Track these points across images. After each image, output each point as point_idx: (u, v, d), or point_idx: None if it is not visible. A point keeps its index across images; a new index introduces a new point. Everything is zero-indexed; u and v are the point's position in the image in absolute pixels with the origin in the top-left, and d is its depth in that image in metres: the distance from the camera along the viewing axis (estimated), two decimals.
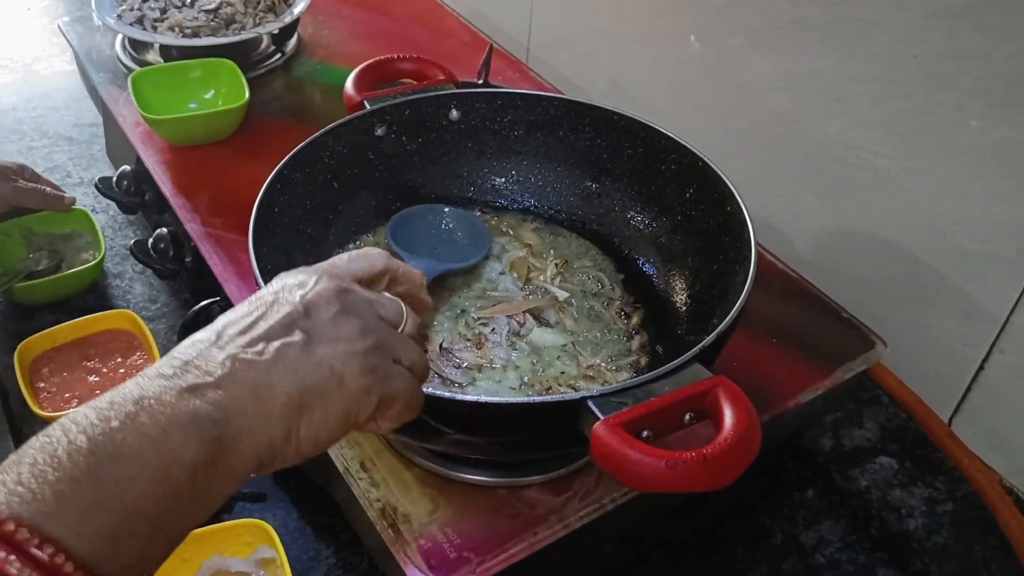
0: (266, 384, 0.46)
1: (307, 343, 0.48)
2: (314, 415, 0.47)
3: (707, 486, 0.50)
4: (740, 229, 0.70)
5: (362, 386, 0.49)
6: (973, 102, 0.77)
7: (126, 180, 1.05)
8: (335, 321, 0.50)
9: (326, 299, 0.51)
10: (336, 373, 0.48)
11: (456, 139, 0.87)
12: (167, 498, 0.41)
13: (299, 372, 0.47)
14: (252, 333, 0.48)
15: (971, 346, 0.84)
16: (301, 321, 0.49)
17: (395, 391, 0.51)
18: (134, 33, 1.12)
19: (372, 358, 0.50)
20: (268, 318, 0.49)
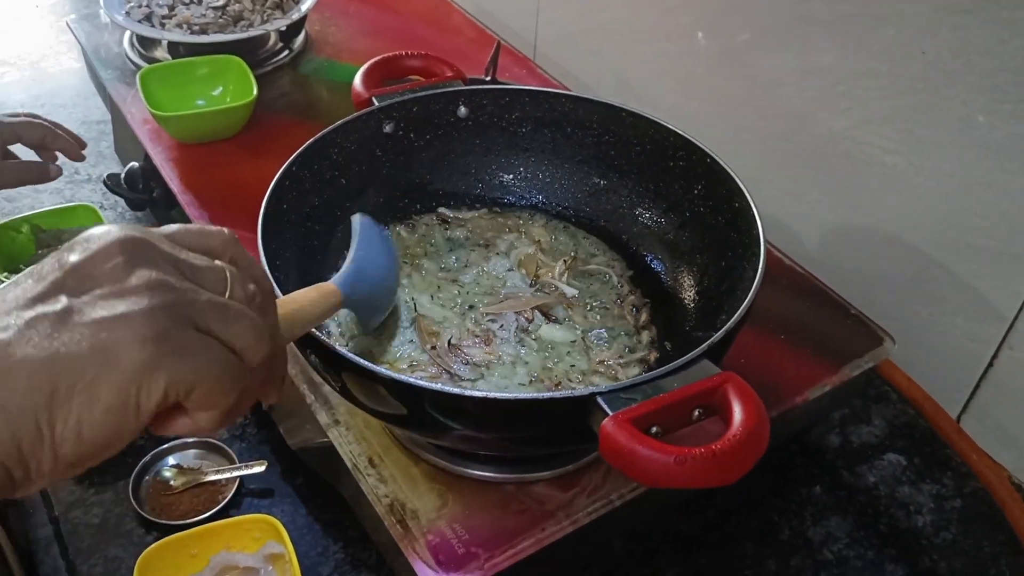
0: (4, 368, 0.35)
1: (68, 309, 0.37)
2: (72, 404, 0.36)
3: (716, 482, 0.50)
4: (749, 226, 0.70)
5: (139, 361, 0.37)
6: (981, 97, 0.76)
7: (134, 177, 1.05)
8: (113, 276, 0.38)
9: (106, 252, 0.39)
10: (101, 343, 0.36)
11: (464, 136, 0.87)
12: None
13: (50, 347, 0.36)
14: (15, 302, 0.37)
15: (980, 343, 0.83)
16: (68, 283, 0.38)
17: (195, 369, 0.38)
18: (142, 30, 1.13)
19: (160, 321, 0.37)
20: (27, 286, 0.38)
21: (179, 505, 0.79)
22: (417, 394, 0.57)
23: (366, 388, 0.60)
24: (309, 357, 0.64)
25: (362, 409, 0.65)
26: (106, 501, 0.79)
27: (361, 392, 0.62)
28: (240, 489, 0.80)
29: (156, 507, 0.78)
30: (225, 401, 0.41)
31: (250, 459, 0.82)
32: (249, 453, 0.84)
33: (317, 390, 0.74)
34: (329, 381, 0.65)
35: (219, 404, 0.40)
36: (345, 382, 0.61)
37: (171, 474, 0.81)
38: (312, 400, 0.74)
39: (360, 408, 0.65)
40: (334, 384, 0.64)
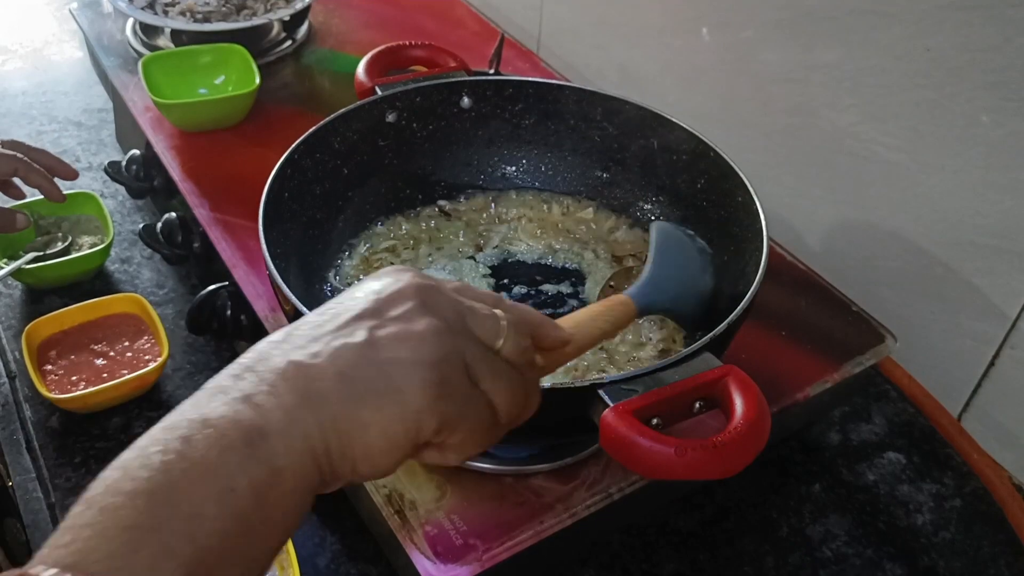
0: (317, 391, 0.41)
1: (368, 344, 0.42)
2: (368, 430, 0.41)
3: (716, 474, 0.49)
4: (752, 220, 0.70)
5: (424, 401, 0.42)
6: (985, 95, 0.76)
7: (135, 165, 1.05)
8: (408, 319, 0.43)
9: (403, 295, 0.44)
10: (395, 382, 0.41)
11: (467, 127, 0.87)
12: (237, 529, 0.37)
13: (353, 379, 0.41)
14: (318, 331, 0.43)
15: (982, 342, 0.83)
16: (368, 319, 0.43)
17: (463, 413, 0.44)
18: (145, 17, 1.12)
19: (443, 370, 0.42)
20: (338, 317, 0.44)
21: None
22: None
23: None
24: None
25: None
26: None
27: None
28: None
29: None
30: (477, 449, 0.46)
31: None
32: None
33: None
34: None
35: (471, 450, 0.46)
36: None
37: None
38: None
39: None
40: None
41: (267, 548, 0.40)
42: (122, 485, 0.36)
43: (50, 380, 0.85)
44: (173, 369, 0.89)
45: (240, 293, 0.81)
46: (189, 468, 0.37)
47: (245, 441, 0.38)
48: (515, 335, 0.47)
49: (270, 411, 0.39)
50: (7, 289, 0.99)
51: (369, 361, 0.42)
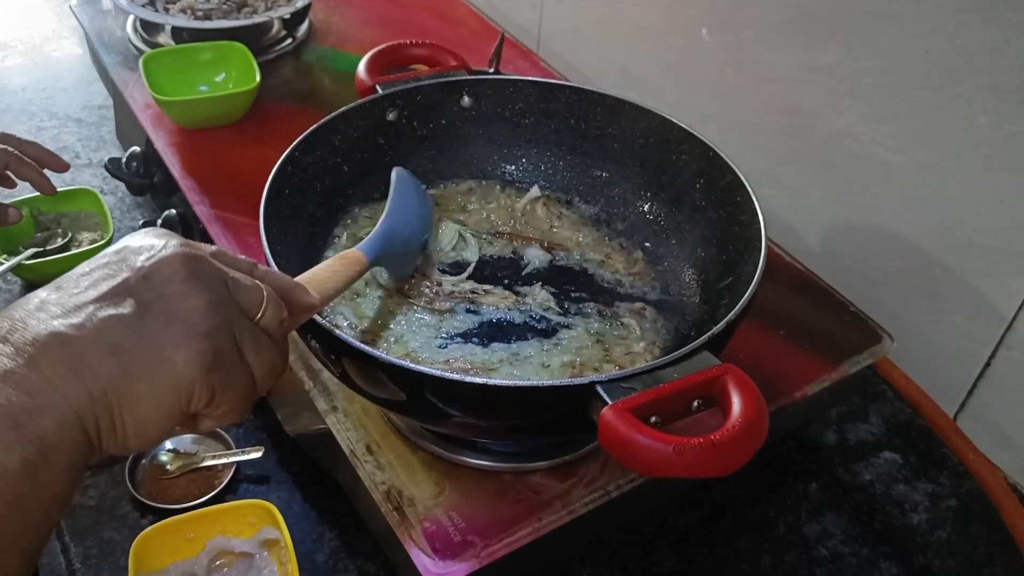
0: (86, 363, 0.40)
1: (139, 316, 0.42)
2: (141, 403, 0.42)
3: (714, 472, 0.50)
4: (750, 220, 0.70)
5: (196, 372, 0.42)
6: (983, 97, 0.77)
7: (135, 161, 1.05)
8: (178, 291, 0.43)
9: (171, 264, 0.44)
10: (167, 353, 0.42)
11: (467, 125, 0.87)
12: (10, 511, 0.37)
13: (124, 349, 0.41)
14: (77, 300, 0.42)
15: (978, 342, 0.84)
16: (137, 288, 0.43)
17: (231, 384, 0.45)
18: (146, 15, 1.12)
19: (214, 340, 0.43)
20: (99, 284, 0.43)
21: (175, 489, 0.79)
22: (417, 380, 0.57)
23: (366, 373, 0.60)
24: (310, 343, 0.64)
25: (361, 395, 0.65)
26: (102, 484, 0.79)
27: (361, 377, 0.62)
28: (236, 475, 0.80)
29: (152, 491, 0.78)
30: (237, 419, 0.47)
31: (247, 445, 0.82)
32: (246, 439, 0.83)
33: (316, 377, 0.74)
34: (329, 367, 0.65)
35: (231, 419, 0.47)
36: (345, 367, 0.61)
37: (168, 458, 0.81)
38: (311, 387, 0.74)
39: (359, 393, 0.65)
40: (334, 369, 0.64)
41: (43, 530, 0.39)
42: None
43: None
44: None
45: None
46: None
47: (10, 423, 0.37)
48: (274, 305, 0.48)
49: (34, 388, 0.38)
50: (6, 285, 0.99)
51: (140, 334, 0.41)
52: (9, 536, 0.37)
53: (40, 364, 0.39)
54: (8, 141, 0.91)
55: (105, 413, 0.41)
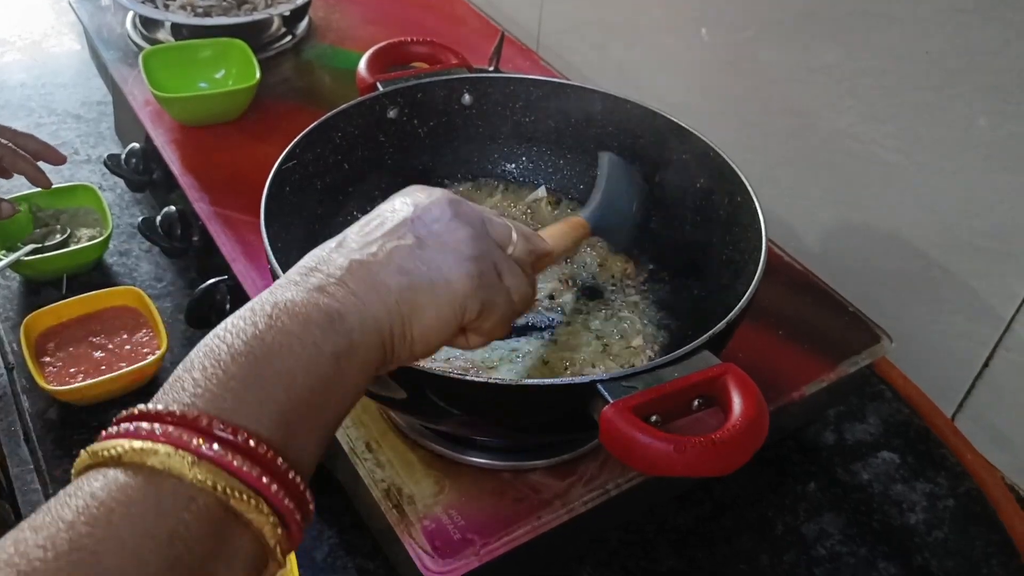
0: (381, 281, 0.49)
1: (418, 245, 0.51)
2: (425, 313, 0.50)
3: (715, 471, 0.50)
4: (751, 220, 0.70)
5: (468, 288, 0.51)
6: (983, 98, 0.77)
7: (135, 158, 1.05)
8: (446, 227, 0.52)
9: (439, 206, 0.53)
10: (444, 274, 0.50)
11: (468, 123, 0.87)
12: (320, 386, 0.44)
13: (410, 271, 0.50)
14: (368, 238, 0.51)
15: (977, 343, 0.84)
16: (414, 226, 0.52)
17: (495, 301, 0.53)
18: (146, 11, 1.12)
19: (480, 264, 0.52)
20: (384, 226, 0.52)
21: None
22: (418, 378, 0.57)
23: None
24: None
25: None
26: None
27: None
28: None
29: None
30: (500, 334, 0.56)
31: None
32: None
33: None
34: None
35: (495, 335, 0.55)
36: None
37: None
38: None
39: None
40: None
41: (340, 409, 0.46)
42: (222, 352, 0.42)
43: (48, 372, 0.85)
44: (171, 362, 0.89)
45: (239, 287, 0.81)
46: (280, 338, 0.44)
47: (327, 319, 0.45)
48: (522, 240, 0.58)
49: (343, 298, 0.47)
50: (5, 281, 0.99)
51: (421, 258, 0.50)
52: (316, 407, 0.44)
53: (346, 282, 0.48)
54: (4, 134, 0.90)
55: (397, 321, 0.48)
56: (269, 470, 0.40)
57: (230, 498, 0.38)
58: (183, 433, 0.39)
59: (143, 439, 0.39)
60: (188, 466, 0.38)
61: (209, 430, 0.39)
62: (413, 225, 0.52)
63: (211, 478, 0.38)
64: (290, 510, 0.41)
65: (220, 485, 0.38)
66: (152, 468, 0.38)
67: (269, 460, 0.40)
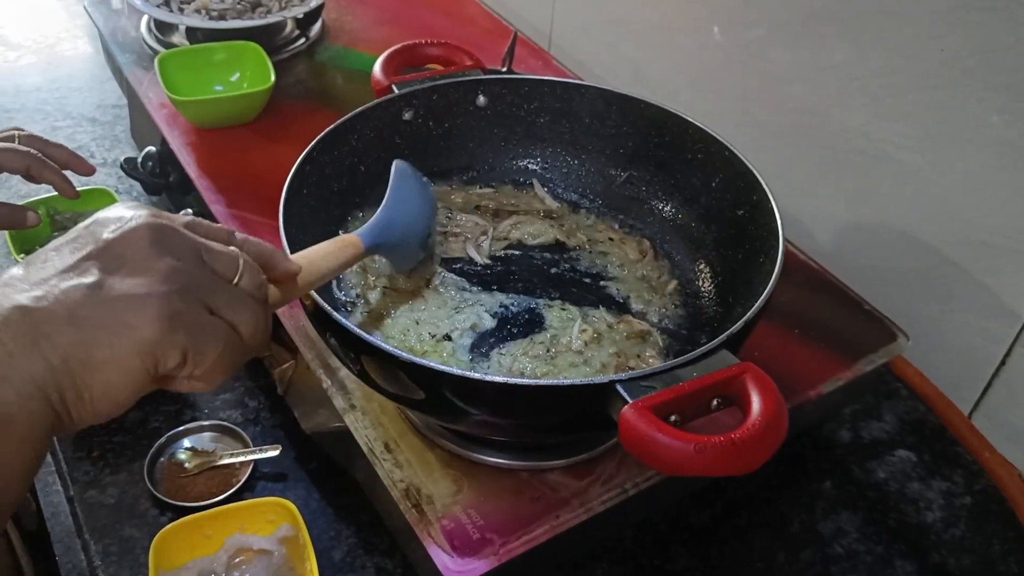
0: (45, 335, 0.41)
1: (99, 284, 0.43)
2: (103, 369, 0.42)
3: (734, 471, 0.50)
4: (767, 219, 0.70)
5: (156, 333, 0.43)
6: (996, 96, 0.77)
7: (151, 161, 1.06)
8: (142, 259, 0.44)
9: (137, 233, 0.45)
10: (125, 318, 0.42)
11: (483, 125, 0.88)
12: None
13: (83, 319, 0.42)
14: (42, 274, 0.43)
15: (993, 341, 0.84)
16: (102, 258, 0.44)
17: (204, 343, 0.45)
18: (161, 15, 1.13)
19: (174, 303, 0.44)
20: (65, 257, 0.44)
21: (193, 487, 0.79)
22: (436, 378, 0.57)
23: (385, 372, 0.61)
24: (328, 340, 0.65)
25: (380, 392, 0.66)
26: (121, 482, 0.80)
27: (380, 376, 0.62)
28: (254, 473, 0.81)
29: (171, 489, 0.79)
30: (226, 374, 0.48)
31: (264, 443, 0.82)
32: (263, 437, 0.84)
33: (333, 375, 0.75)
34: (348, 364, 0.66)
35: (220, 376, 0.48)
36: (364, 365, 0.62)
37: (186, 456, 0.81)
38: (328, 385, 0.74)
39: (377, 391, 0.66)
40: (353, 367, 0.65)
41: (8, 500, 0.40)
42: None
43: None
44: None
45: None
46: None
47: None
48: (251, 270, 0.50)
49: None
50: None
51: (99, 300, 0.42)
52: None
53: (2, 337, 0.40)
54: (34, 143, 0.90)
55: (67, 382, 0.41)
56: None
57: None
58: None
59: None
60: None
61: None
62: (100, 256, 0.44)
63: None
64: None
65: None
66: None
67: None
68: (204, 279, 0.46)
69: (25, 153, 0.87)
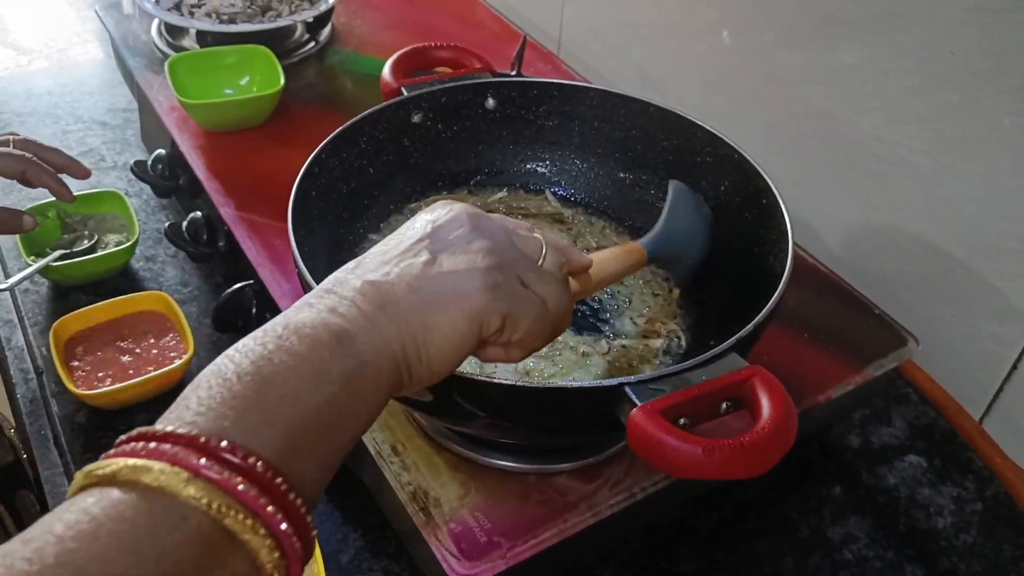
0: (392, 302, 0.48)
1: (431, 261, 0.51)
2: (439, 330, 0.49)
3: (744, 474, 0.50)
4: (777, 223, 0.70)
5: (483, 301, 0.50)
6: (1009, 99, 0.76)
7: (161, 164, 1.06)
8: (462, 240, 0.52)
9: (456, 220, 0.54)
10: (456, 288, 0.50)
11: (491, 127, 0.88)
12: (327, 407, 0.43)
13: (421, 288, 0.49)
14: (384, 258, 0.51)
15: (1004, 346, 0.83)
16: (430, 242, 0.52)
17: (520, 312, 0.52)
18: (172, 19, 1.13)
19: (494, 275, 0.51)
20: (400, 245, 0.52)
21: None
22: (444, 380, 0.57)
23: None
24: None
25: None
26: None
27: None
28: None
29: None
30: (537, 344, 0.55)
31: None
32: None
33: None
34: None
35: (534, 344, 0.54)
36: None
37: None
38: None
39: None
40: None
41: (351, 431, 0.46)
42: (228, 371, 0.42)
43: (77, 376, 0.85)
44: (198, 366, 0.89)
45: (265, 291, 0.82)
46: (288, 358, 0.43)
47: (335, 339, 0.45)
48: (552, 252, 0.57)
49: (354, 318, 0.47)
50: (34, 286, 1.00)
51: (433, 274, 0.50)
52: (324, 427, 0.43)
53: (358, 303, 0.48)
54: (29, 147, 0.90)
55: (410, 340, 0.48)
56: (267, 490, 0.39)
57: (224, 517, 0.37)
58: (180, 451, 0.38)
59: (140, 457, 0.38)
60: (183, 484, 0.37)
61: (207, 448, 0.38)
62: (429, 242, 0.52)
63: (206, 496, 0.37)
64: (286, 533, 0.39)
65: (215, 504, 0.37)
66: (146, 486, 0.37)
67: (268, 480, 0.39)
68: (516, 257, 0.54)
69: (20, 157, 0.87)
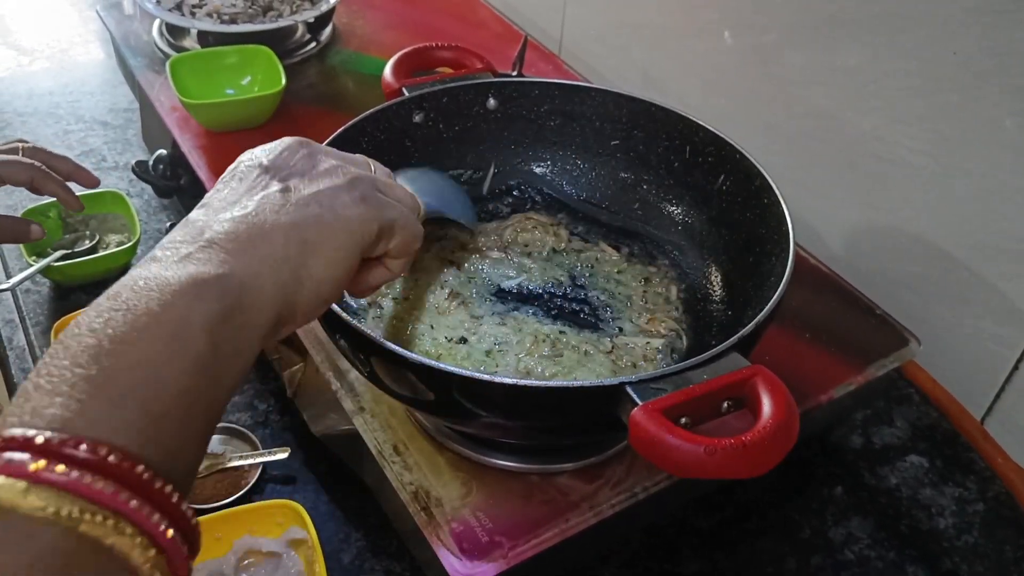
0: (260, 232, 0.45)
1: (285, 189, 0.48)
2: (322, 249, 0.46)
3: (745, 473, 0.50)
4: (778, 222, 0.70)
5: (357, 214, 0.48)
6: (1011, 99, 0.76)
7: (162, 164, 1.06)
8: (307, 163, 0.50)
9: (290, 148, 0.51)
10: (327, 206, 0.47)
11: (493, 127, 0.87)
12: (192, 368, 0.38)
13: (289, 212, 0.46)
14: (230, 198, 0.47)
15: (1006, 346, 0.83)
16: (272, 173, 0.49)
17: (392, 218, 0.51)
18: (173, 19, 1.13)
19: (360, 187, 0.50)
20: (243, 182, 0.49)
21: (202, 490, 0.79)
22: (446, 380, 0.57)
23: (394, 373, 0.61)
24: (338, 342, 0.65)
25: (389, 394, 0.66)
26: None
27: (389, 377, 0.62)
28: (263, 475, 0.81)
29: None
30: (414, 245, 0.54)
31: (273, 446, 0.82)
32: (272, 440, 0.84)
33: (343, 377, 0.75)
34: (358, 366, 0.66)
35: (410, 248, 0.54)
36: (374, 367, 0.62)
37: None
38: (338, 387, 0.74)
39: (387, 393, 0.65)
40: (363, 369, 0.65)
41: (225, 389, 0.41)
42: (70, 348, 0.37)
43: None
44: None
45: None
46: (134, 319, 0.38)
47: (192, 287, 0.40)
48: (380, 170, 0.57)
49: (213, 260, 0.42)
50: (35, 286, 1.00)
51: (298, 200, 0.47)
52: (186, 402, 0.38)
53: (216, 243, 0.43)
54: (37, 155, 0.90)
55: (287, 270, 0.45)
56: (127, 483, 0.34)
57: (79, 523, 0.32)
58: (13, 457, 0.32)
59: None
60: (20, 495, 0.32)
61: (47, 447, 0.33)
62: (273, 173, 0.49)
63: (51, 504, 0.32)
64: (156, 526, 0.34)
65: (64, 510, 0.32)
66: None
67: (125, 471, 0.34)
68: (362, 169, 0.52)
69: (29, 165, 0.88)
